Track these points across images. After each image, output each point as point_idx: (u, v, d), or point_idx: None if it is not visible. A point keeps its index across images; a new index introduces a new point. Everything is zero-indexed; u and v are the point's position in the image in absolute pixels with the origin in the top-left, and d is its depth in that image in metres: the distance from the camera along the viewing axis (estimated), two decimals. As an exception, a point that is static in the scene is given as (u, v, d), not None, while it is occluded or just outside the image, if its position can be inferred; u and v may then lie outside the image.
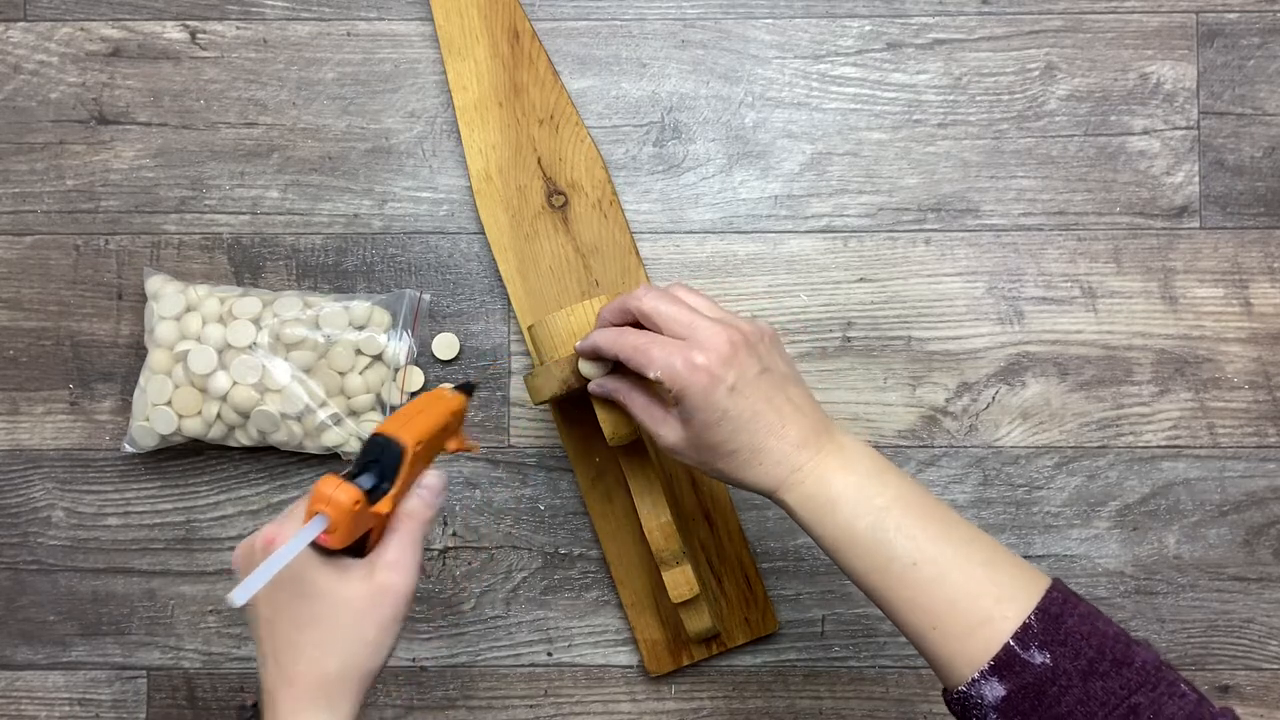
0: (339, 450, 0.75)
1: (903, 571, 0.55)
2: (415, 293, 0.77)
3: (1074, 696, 0.52)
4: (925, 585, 0.55)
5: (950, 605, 0.54)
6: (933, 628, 0.55)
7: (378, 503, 0.55)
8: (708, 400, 0.57)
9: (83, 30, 0.80)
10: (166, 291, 0.76)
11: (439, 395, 0.62)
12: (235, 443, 0.76)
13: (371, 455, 0.57)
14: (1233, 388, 0.78)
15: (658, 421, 0.60)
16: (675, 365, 0.57)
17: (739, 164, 0.79)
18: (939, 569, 0.55)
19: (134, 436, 0.76)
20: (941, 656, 0.55)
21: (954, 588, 0.55)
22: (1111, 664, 0.52)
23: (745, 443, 0.58)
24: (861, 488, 0.57)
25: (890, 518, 0.56)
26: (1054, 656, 0.52)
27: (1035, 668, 0.52)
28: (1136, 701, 0.51)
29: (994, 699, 0.53)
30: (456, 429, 0.63)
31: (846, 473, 0.57)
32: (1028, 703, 0.52)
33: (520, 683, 0.78)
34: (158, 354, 0.75)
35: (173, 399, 0.74)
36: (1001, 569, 0.56)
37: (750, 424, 0.58)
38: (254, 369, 0.74)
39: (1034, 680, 0.52)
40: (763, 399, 0.58)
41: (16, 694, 0.78)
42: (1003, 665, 0.53)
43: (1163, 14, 0.79)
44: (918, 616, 0.55)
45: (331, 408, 0.74)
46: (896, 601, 0.56)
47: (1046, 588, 0.55)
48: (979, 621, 0.54)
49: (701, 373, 0.57)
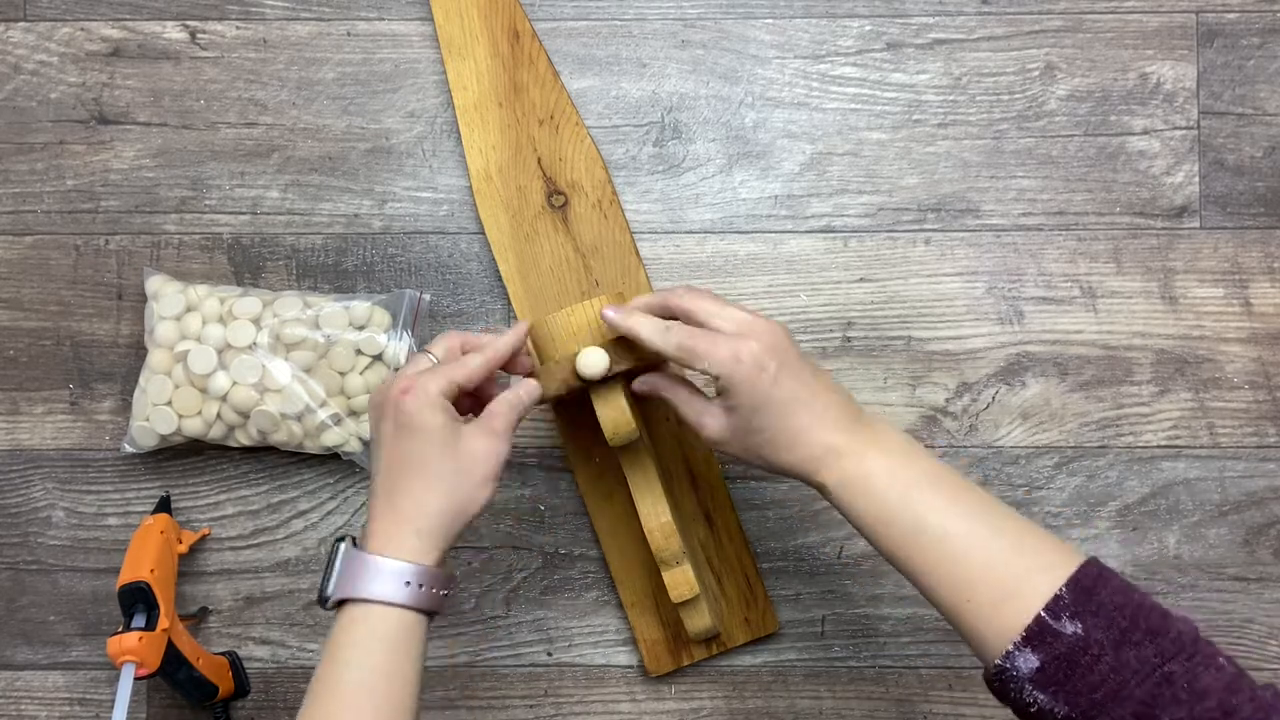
0: (339, 450, 0.75)
1: (934, 545, 0.57)
2: (415, 293, 0.77)
3: (1106, 665, 0.52)
4: (957, 558, 0.56)
5: (981, 578, 0.56)
6: (966, 600, 0.56)
7: (158, 624, 0.70)
8: (754, 387, 0.60)
9: (83, 30, 0.80)
10: (166, 291, 0.76)
11: (143, 527, 0.75)
12: (235, 443, 0.76)
13: (127, 603, 0.71)
14: (1233, 388, 0.78)
15: (701, 413, 0.63)
16: (722, 356, 0.60)
17: (739, 164, 0.79)
18: (969, 542, 0.56)
19: (134, 436, 0.76)
20: (976, 630, 0.55)
21: (984, 561, 0.56)
22: (1145, 634, 0.52)
23: (787, 426, 0.60)
24: (893, 466, 0.59)
25: (922, 493, 0.58)
26: (1085, 626, 0.53)
27: (1067, 638, 0.53)
28: (1171, 670, 0.51)
29: (1029, 670, 0.53)
30: (176, 537, 0.76)
31: (879, 452, 0.60)
32: (1061, 673, 0.53)
33: (520, 683, 0.78)
34: (158, 354, 0.75)
35: (173, 399, 0.74)
36: (1033, 543, 0.57)
37: (791, 408, 0.60)
38: (254, 369, 0.74)
39: (1066, 650, 0.53)
40: (803, 385, 0.61)
41: (16, 694, 0.78)
42: (1034, 636, 0.53)
43: (1163, 14, 0.79)
44: (950, 590, 0.56)
45: (332, 407, 0.74)
46: (930, 576, 0.57)
47: (1081, 563, 0.55)
48: (1010, 593, 0.55)
49: (749, 361, 0.60)
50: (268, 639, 0.78)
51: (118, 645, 0.69)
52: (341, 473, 0.78)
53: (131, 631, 0.70)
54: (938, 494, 0.58)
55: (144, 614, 0.71)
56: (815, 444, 0.60)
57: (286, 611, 0.78)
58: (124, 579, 0.72)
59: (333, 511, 0.78)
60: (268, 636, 0.78)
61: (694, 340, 0.61)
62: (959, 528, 0.57)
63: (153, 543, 0.73)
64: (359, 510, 0.78)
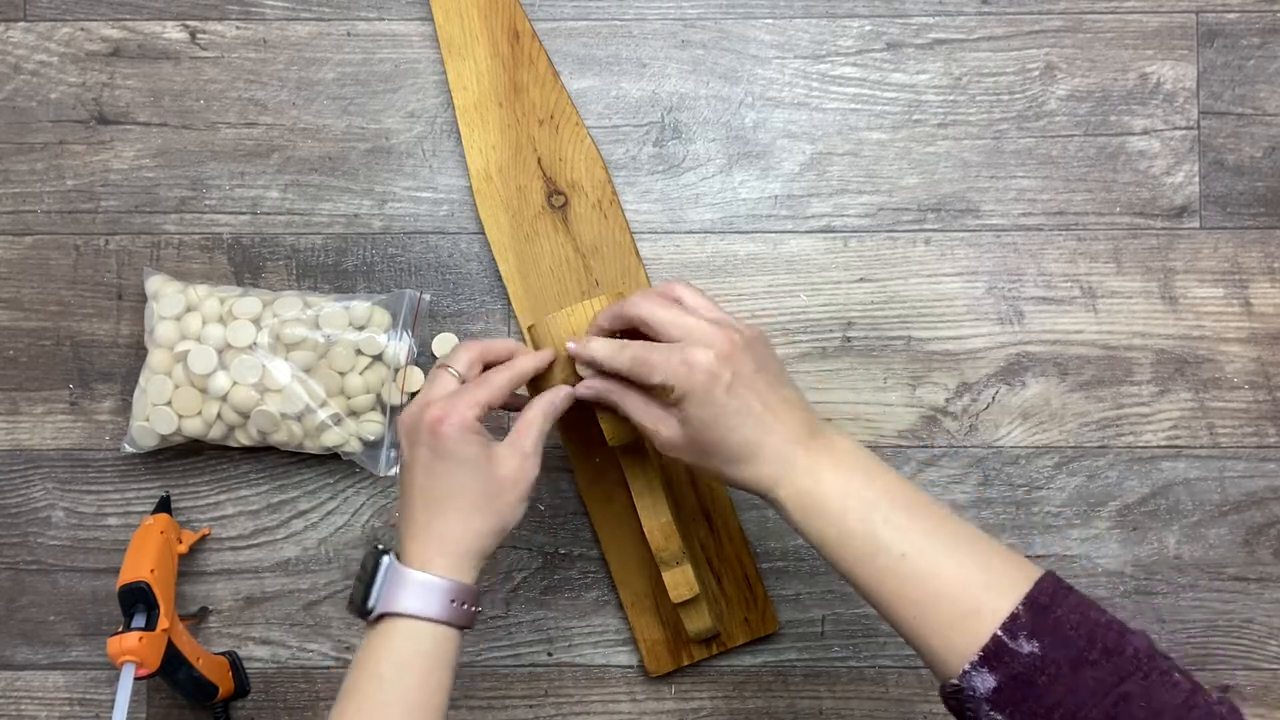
0: (339, 450, 0.75)
1: (892, 563, 0.56)
2: (415, 293, 0.77)
3: (1063, 686, 0.52)
4: (914, 577, 0.55)
5: (939, 596, 0.55)
6: (924, 619, 0.55)
7: (158, 624, 0.70)
8: (707, 397, 0.58)
9: (83, 30, 0.80)
10: (166, 292, 0.76)
11: (143, 527, 0.75)
12: (235, 443, 0.76)
13: (127, 603, 0.71)
14: (1233, 388, 0.78)
15: (655, 420, 0.62)
16: (675, 366, 0.59)
17: (739, 164, 0.79)
18: (927, 561, 0.56)
19: (134, 436, 0.76)
20: (933, 649, 0.55)
21: (942, 579, 0.55)
22: (1102, 652, 0.52)
23: (741, 439, 0.59)
24: (851, 483, 0.58)
25: (879, 511, 0.57)
26: (1043, 646, 0.52)
27: (1024, 657, 0.52)
28: (1127, 690, 0.51)
29: (985, 690, 0.53)
30: (176, 537, 0.76)
31: (837, 469, 0.58)
32: (1019, 693, 0.52)
33: (520, 683, 0.78)
34: (158, 354, 0.75)
35: (173, 399, 0.74)
36: (990, 561, 0.56)
37: (746, 421, 0.59)
38: (254, 369, 0.74)
39: (1023, 670, 0.52)
40: (757, 397, 0.59)
41: (16, 694, 0.78)
42: (992, 656, 0.53)
43: (1163, 14, 0.79)
44: (908, 609, 0.56)
45: (332, 408, 0.74)
46: (887, 595, 0.56)
47: (1037, 579, 0.55)
48: (967, 612, 0.54)
49: (700, 371, 0.58)
50: (268, 639, 0.78)
51: (118, 645, 0.69)
52: (341, 473, 0.78)
53: (131, 631, 0.70)
54: (895, 512, 0.57)
55: (144, 614, 0.71)
56: (768, 458, 0.59)
57: (286, 611, 0.78)
58: (124, 579, 0.72)
59: (333, 511, 0.78)
60: (268, 636, 0.78)
61: (646, 353, 0.60)
62: (917, 545, 0.56)
63: (153, 543, 0.74)
64: (359, 510, 0.78)
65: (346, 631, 0.78)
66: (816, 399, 0.78)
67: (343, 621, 0.78)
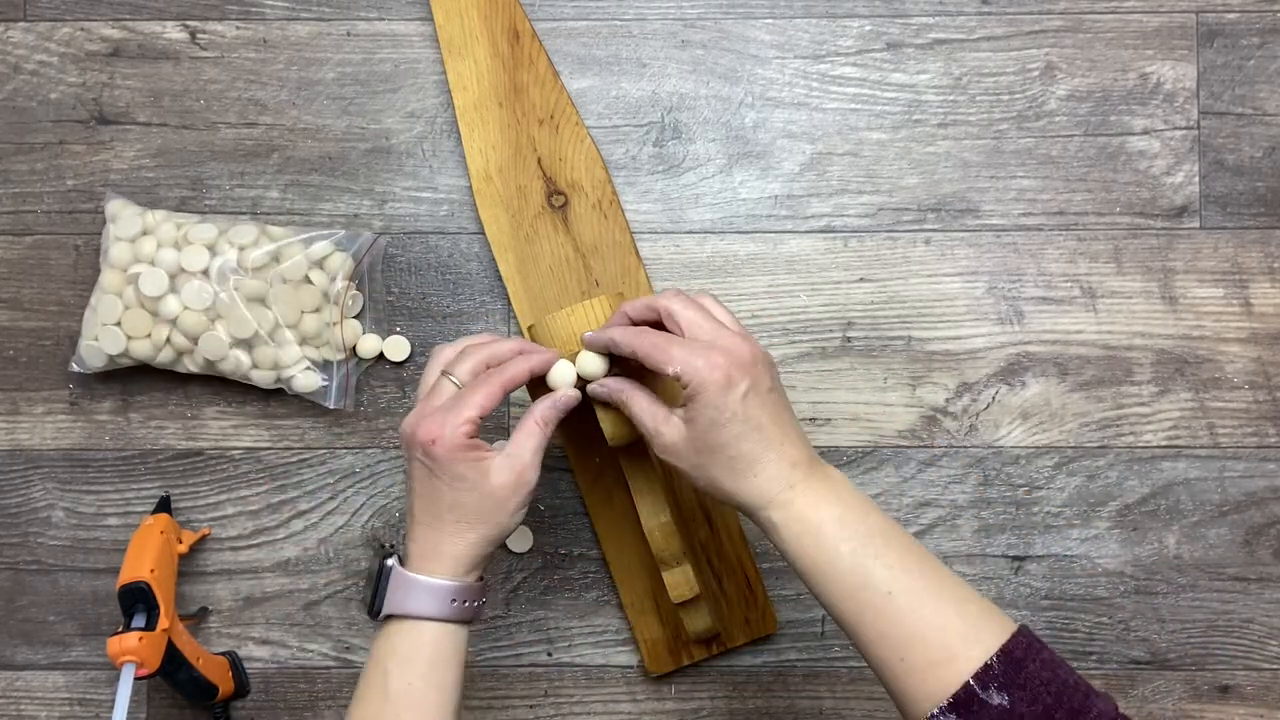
0: (285, 385, 0.75)
1: (878, 600, 0.56)
2: (372, 235, 0.77)
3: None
4: (897, 616, 0.56)
5: (918, 638, 0.55)
6: (900, 659, 0.55)
7: (158, 624, 0.70)
8: (722, 399, 0.58)
9: (83, 30, 0.80)
10: (124, 214, 0.75)
11: (143, 527, 0.75)
12: (183, 368, 0.75)
13: (127, 603, 0.71)
14: (1233, 388, 0.78)
15: (659, 421, 0.62)
16: (696, 363, 0.59)
17: (739, 164, 0.79)
18: (911, 601, 0.56)
19: (82, 355, 0.75)
20: (904, 689, 0.56)
21: (924, 621, 0.56)
22: (1068, 713, 0.53)
23: (746, 451, 0.59)
24: (847, 515, 0.58)
25: (871, 546, 0.57)
26: (1012, 700, 0.53)
27: (993, 709, 0.53)
28: None
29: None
30: (176, 537, 0.76)
31: (834, 500, 0.59)
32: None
33: (520, 683, 0.78)
34: (110, 274, 0.74)
35: (123, 320, 0.74)
36: (971, 609, 0.56)
37: (755, 433, 0.59)
38: (205, 294, 0.73)
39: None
40: (767, 414, 0.59)
41: (16, 694, 0.78)
42: (961, 704, 0.53)
43: (1163, 14, 0.79)
44: (886, 647, 0.56)
45: (286, 337, 0.74)
46: (868, 630, 0.57)
47: (1013, 632, 0.55)
48: (944, 658, 0.55)
49: (720, 371, 0.58)
50: (268, 639, 0.78)
51: (118, 645, 0.70)
52: (341, 473, 0.78)
53: (131, 631, 0.70)
54: (888, 550, 0.57)
55: (144, 614, 0.71)
56: (767, 476, 0.59)
57: (286, 611, 0.78)
58: (124, 579, 0.72)
59: (333, 512, 0.78)
60: (268, 636, 0.78)
61: (667, 342, 0.60)
62: (903, 585, 0.56)
63: (153, 543, 0.74)
64: (359, 510, 0.78)
65: (346, 631, 0.78)
66: (816, 399, 0.78)
67: (343, 621, 0.78)
